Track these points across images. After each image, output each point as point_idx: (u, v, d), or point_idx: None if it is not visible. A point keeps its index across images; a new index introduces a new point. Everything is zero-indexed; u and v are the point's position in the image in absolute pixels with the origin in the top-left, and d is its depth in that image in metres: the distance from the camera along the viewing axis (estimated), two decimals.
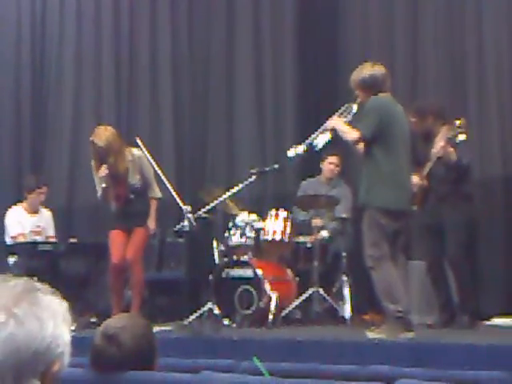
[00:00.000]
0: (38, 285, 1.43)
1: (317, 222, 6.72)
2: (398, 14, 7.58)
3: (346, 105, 5.50)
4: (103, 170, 6.19)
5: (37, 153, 8.94)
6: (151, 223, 6.39)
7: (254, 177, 6.85)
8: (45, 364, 1.36)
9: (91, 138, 6.24)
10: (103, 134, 6.21)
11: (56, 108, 8.88)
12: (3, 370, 1.32)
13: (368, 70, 5.30)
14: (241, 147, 8.14)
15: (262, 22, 8.19)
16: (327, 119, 5.50)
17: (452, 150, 5.87)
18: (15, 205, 7.37)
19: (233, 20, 8.34)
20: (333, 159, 7.09)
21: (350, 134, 5.26)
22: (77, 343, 1.48)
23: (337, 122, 5.39)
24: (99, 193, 6.32)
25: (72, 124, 8.72)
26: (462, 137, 5.87)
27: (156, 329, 5.31)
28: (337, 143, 5.91)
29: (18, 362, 1.33)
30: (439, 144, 5.87)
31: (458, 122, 5.88)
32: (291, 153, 5.67)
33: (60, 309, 1.42)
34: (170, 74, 8.52)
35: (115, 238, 6.36)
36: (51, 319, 1.38)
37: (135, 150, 6.38)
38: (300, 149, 5.62)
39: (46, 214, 7.38)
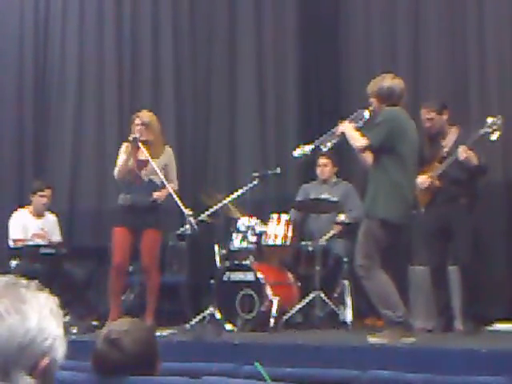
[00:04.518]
0: (24, 282, 1.43)
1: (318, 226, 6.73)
2: (400, 17, 7.56)
3: (359, 111, 5.48)
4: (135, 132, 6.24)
5: (39, 157, 8.95)
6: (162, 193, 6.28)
7: (255, 181, 6.85)
8: (32, 357, 1.36)
9: (135, 115, 6.40)
10: (149, 114, 6.42)
11: (58, 113, 8.88)
12: None
13: (388, 81, 5.30)
14: (243, 151, 8.14)
15: (264, 28, 8.19)
16: (330, 124, 5.50)
17: (473, 154, 5.76)
18: (20, 208, 7.38)
19: (235, 26, 8.34)
20: (321, 161, 7.06)
21: (358, 140, 5.26)
22: (79, 347, 1.48)
23: (347, 127, 5.38)
24: (117, 168, 6.33)
25: (74, 129, 8.71)
26: (495, 135, 5.71)
27: (157, 333, 5.32)
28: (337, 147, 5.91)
29: (2, 355, 1.33)
30: (463, 147, 5.75)
31: (492, 120, 5.74)
32: (298, 152, 5.66)
33: (47, 303, 1.42)
34: (172, 78, 8.52)
35: (119, 236, 6.20)
36: (36, 313, 1.38)
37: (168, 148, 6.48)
38: (307, 149, 5.62)
39: (51, 219, 7.37)
